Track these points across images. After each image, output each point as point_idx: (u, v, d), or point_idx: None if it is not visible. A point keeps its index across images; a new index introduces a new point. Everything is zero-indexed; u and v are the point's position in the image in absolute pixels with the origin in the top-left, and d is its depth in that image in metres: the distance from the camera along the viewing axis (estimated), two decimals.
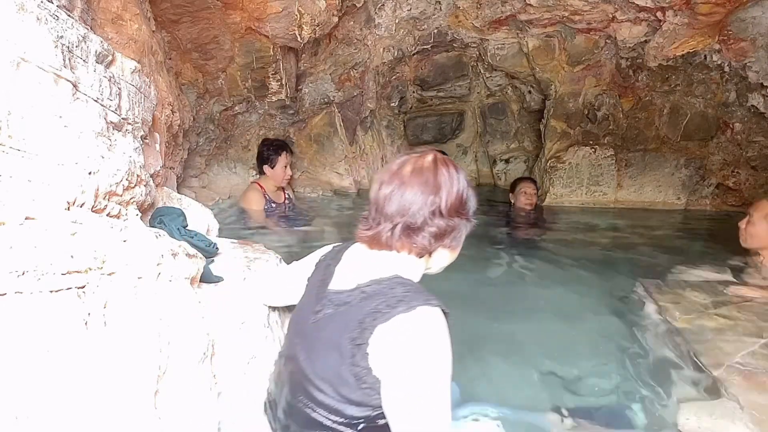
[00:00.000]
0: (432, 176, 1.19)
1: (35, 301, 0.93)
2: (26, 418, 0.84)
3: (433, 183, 1.19)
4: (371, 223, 1.23)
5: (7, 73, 1.07)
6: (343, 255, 1.31)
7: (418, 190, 1.18)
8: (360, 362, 1.07)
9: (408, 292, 1.11)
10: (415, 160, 1.23)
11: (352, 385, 1.08)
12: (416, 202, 1.18)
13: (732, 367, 1.80)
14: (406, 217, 1.18)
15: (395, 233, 1.19)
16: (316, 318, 1.20)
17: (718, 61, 4.23)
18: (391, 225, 1.19)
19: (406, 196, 1.18)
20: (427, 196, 1.18)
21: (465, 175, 1.28)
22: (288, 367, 1.24)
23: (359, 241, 1.28)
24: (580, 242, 3.85)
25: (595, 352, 2.09)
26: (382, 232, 1.20)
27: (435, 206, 1.18)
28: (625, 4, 3.96)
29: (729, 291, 2.49)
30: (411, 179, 1.19)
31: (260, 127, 4.38)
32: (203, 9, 3.24)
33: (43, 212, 1.07)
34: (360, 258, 1.26)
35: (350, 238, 1.35)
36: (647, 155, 4.91)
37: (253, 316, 1.52)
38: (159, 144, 2.23)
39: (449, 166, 1.24)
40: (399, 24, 4.58)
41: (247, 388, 1.39)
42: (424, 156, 1.24)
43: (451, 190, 1.20)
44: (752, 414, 1.56)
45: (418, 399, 1.02)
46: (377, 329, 1.06)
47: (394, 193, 1.19)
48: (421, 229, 1.19)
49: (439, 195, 1.19)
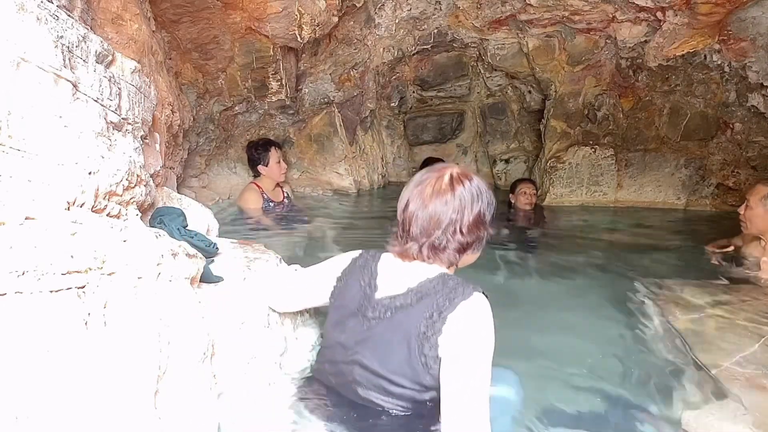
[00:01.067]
0: (451, 197, 1.31)
1: (35, 301, 0.93)
2: (26, 418, 0.84)
3: (453, 204, 1.30)
4: (400, 240, 1.37)
5: (7, 73, 1.07)
6: (378, 266, 1.41)
7: (439, 211, 1.30)
8: (429, 352, 1.23)
9: (458, 284, 1.28)
10: (435, 181, 1.33)
11: (423, 373, 1.24)
12: (438, 224, 1.30)
13: (733, 368, 1.79)
14: (430, 239, 1.31)
15: (423, 252, 1.33)
16: (371, 324, 1.32)
17: (718, 61, 4.23)
18: (417, 245, 1.33)
19: (428, 218, 1.31)
20: (447, 218, 1.30)
21: (482, 183, 1.37)
22: (354, 371, 1.34)
23: (391, 253, 1.41)
24: (580, 242, 3.85)
25: (594, 352, 2.09)
26: (410, 250, 1.34)
27: (456, 226, 1.31)
28: (625, 4, 3.96)
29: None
30: (432, 201, 1.31)
31: (260, 127, 4.38)
32: (203, 9, 3.24)
33: (43, 212, 1.07)
34: (399, 267, 1.38)
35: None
36: (647, 155, 4.91)
37: (253, 316, 1.52)
38: (159, 144, 2.23)
39: (466, 181, 1.34)
40: (399, 24, 4.58)
41: (247, 388, 1.39)
42: (443, 175, 1.34)
43: (470, 209, 1.32)
44: (754, 415, 1.55)
45: (479, 366, 1.20)
46: (448, 318, 1.22)
47: (418, 215, 1.32)
48: (446, 248, 1.32)
49: (458, 215, 1.30)
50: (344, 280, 1.43)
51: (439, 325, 1.23)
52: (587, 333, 2.31)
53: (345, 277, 1.44)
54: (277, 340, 1.58)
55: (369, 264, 1.42)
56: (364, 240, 3.66)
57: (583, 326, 2.37)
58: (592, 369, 2.00)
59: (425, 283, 1.31)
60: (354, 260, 1.47)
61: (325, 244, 3.37)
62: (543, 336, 2.23)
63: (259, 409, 1.35)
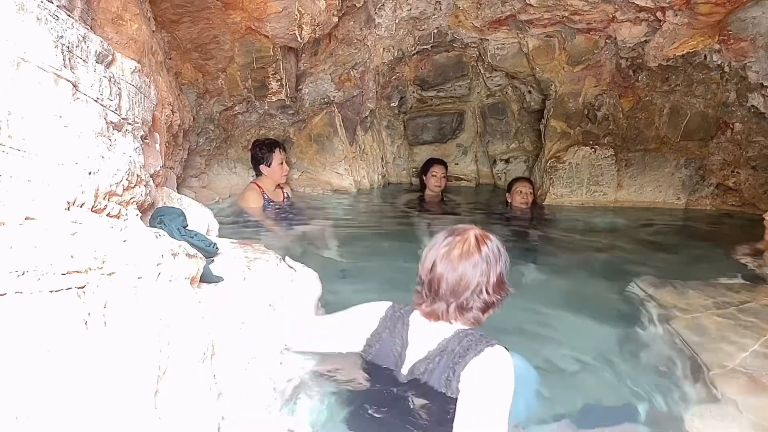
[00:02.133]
0: (479, 259, 1.41)
1: (35, 301, 0.93)
2: (26, 418, 0.84)
3: (481, 267, 1.41)
4: (426, 299, 1.46)
5: (7, 73, 1.07)
6: (410, 320, 1.53)
7: (469, 273, 1.40)
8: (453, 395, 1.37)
9: (472, 341, 1.40)
10: (462, 243, 1.43)
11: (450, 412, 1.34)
12: (467, 285, 1.41)
13: (732, 369, 1.79)
14: (459, 299, 1.42)
15: (450, 312, 1.43)
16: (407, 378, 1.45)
17: (718, 61, 4.23)
18: (445, 305, 1.43)
19: (457, 280, 1.40)
20: (476, 280, 1.41)
21: (499, 242, 1.50)
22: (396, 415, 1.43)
23: (419, 311, 1.51)
24: (579, 242, 3.85)
25: (594, 353, 2.09)
26: (438, 310, 1.44)
27: (482, 287, 1.42)
28: (625, 4, 3.96)
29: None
30: (460, 263, 1.41)
31: (260, 127, 4.37)
32: (203, 9, 3.24)
33: (43, 212, 1.07)
34: (426, 328, 1.49)
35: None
36: (647, 155, 4.91)
37: (253, 316, 1.52)
38: (159, 144, 2.23)
39: (489, 242, 1.46)
40: (399, 24, 4.58)
41: (247, 388, 1.39)
42: (468, 237, 1.44)
43: (495, 271, 1.44)
44: (753, 416, 1.55)
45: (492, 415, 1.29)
46: (462, 376, 1.36)
47: (447, 277, 1.41)
48: (472, 308, 1.43)
49: (484, 277, 1.41)
50: (385, 335, 1.53)
51: (455, 384, 1.36)
52: (586, 333, 2.31)
53: (376, 337, 1.53)
54: (277, 340, 1.58)
55: (403, 318, 1.53)
56: (364, 240, 3.67)
57: (582, 326, 2.37)
58: (592, 369, 2.00)
59: (442, 343, 1.43)
60: (383, 320, 1.55)
61: (325, 244, 3.37)
62: (542, 335, 2.23)
63: (259, 409, 1.35)
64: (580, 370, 1.95)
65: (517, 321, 2.31)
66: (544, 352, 2.06)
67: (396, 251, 3.50)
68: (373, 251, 3.42)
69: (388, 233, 3.96)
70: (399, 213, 4.60)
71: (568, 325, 2.37)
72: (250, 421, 1.33)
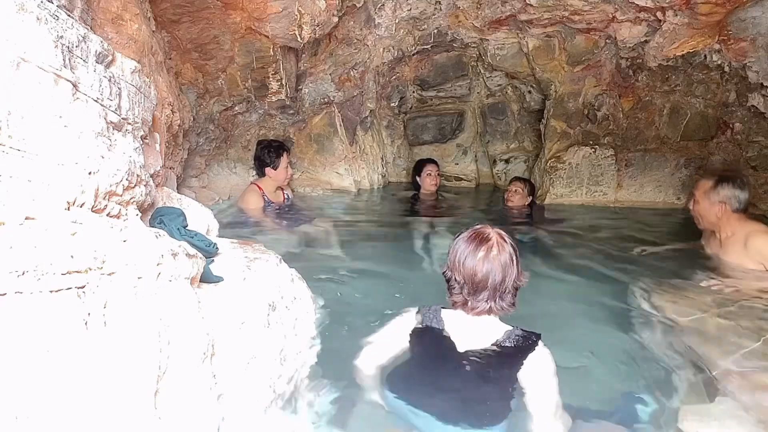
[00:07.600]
0: (508, 253, 1.61)
1: (35, 301, 0.93)
2: (26, 418, 0.84)
3: (513, 259, 1.61)
4: (469, 297, 1.61)
5: (7, 73, 1.07)
6: (443, 318, 1.68)
7: (507, 269, 1.59)
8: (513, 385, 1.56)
9: (520, 337, 1.62)
10: (493, 243, 1.60)
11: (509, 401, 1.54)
12: (507, 279, 1.59)
13: (733, 368, 1.79)
14: (502, 292, 1.60)
15: (495, 305, 1.60)
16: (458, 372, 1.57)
17: (718, 61, 4.22)
18: (492, 301, 1.60)
19: (502, 277, 1.58)
20: (511, 272, 1.60)
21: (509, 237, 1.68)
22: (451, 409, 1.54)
23: (455, 308, 1.66)
24: (580, 242, 3.85)
25: (593, 353, 2.09)
26: (485, 306, 1.60)
27: (512, 279, 1.61)
28: (625, 4, 3.95)
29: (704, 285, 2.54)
30: (499, 262, 1.58)
31: (260, 127, 4.38)
32: (203, 9, 3.24)
33: (43, 212, 1.07)
34: (470, 322, 1.65)
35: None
36: (647, 155, 4.91)
37: (253, 316, 1.52)
38: (159, 144, 2.23)
39: (507, 236, 1.66)
40: (399, 24, 4.58)
41: (247, 388, 1.39)
42: (491, 236, 1.62)
43: (517, 264, 1.62)
44: (753, 414, 1.55)
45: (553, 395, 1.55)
46: (525, 362, 1.56)
47: (493, 276, 1.57)
48: (509, 295, 1.62)
49: (515, 267, 1.61)
50: (421, 337, 1.67)
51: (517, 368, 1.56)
52: (587, 332, 2.31)
53: (419, 334, 1.67)
54: (277, 339, 1.58)
55: (434, 319, 1.68)
56: (364, 240, 3.67)
57: (582, 326, 2.37)
58: (592, 368, 2.00)
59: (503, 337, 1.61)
60: (423, 316, 1.70)
61: (325, 244, 3.37)
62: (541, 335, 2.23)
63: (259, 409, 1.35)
64: (578, 372, 1.95)
65: (516, 321, 2.31)
66: None
67: (396, 251, 3.50)
68: (374, 251, 3.42)
69: (388, 233, 3.96)
70: (398, 213, 4.61)
71: (568, 325, 2.37)
72: (250, 422, 1.33)
